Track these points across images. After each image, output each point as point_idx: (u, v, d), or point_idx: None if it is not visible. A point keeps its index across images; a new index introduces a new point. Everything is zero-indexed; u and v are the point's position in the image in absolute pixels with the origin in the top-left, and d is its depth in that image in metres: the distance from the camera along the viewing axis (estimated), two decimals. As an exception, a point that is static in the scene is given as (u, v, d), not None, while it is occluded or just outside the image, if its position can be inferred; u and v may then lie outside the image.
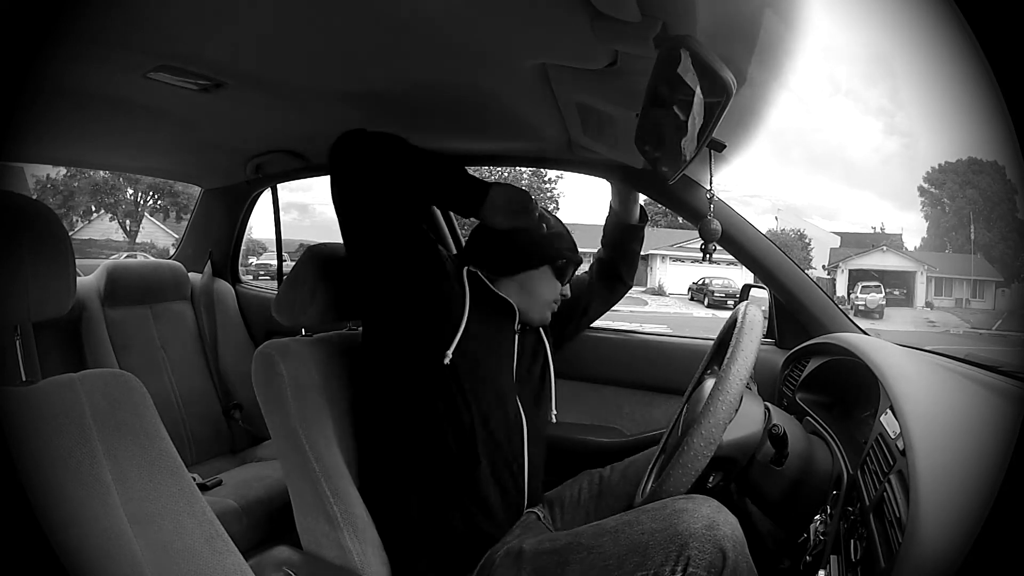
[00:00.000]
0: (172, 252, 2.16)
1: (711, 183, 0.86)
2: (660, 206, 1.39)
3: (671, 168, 0.82)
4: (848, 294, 14.84)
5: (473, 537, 0.94)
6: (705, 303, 14.67)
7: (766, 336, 1.37)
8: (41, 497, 0.56)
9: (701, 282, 15.38)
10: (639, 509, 0.80)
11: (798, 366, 1.16)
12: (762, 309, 0.92)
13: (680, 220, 1.34)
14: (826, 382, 1.06)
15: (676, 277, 16.43)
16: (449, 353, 0.93)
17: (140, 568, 0.60)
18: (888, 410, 0.70)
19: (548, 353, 1.13)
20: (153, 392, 0.71)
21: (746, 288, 1.38)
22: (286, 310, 1.05)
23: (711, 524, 0.72)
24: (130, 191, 17.25)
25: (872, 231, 19.13)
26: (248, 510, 1.35)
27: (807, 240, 17.94)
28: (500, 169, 11.62)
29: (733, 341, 0.80)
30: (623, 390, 1.49)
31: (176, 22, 0.79)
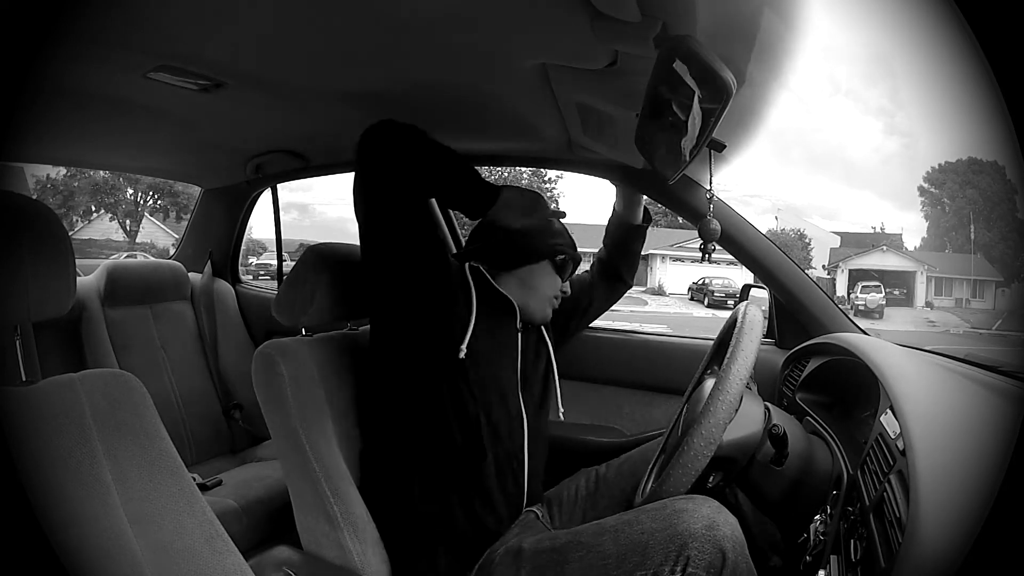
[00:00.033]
0: (172, 252, 2.16)
1: (711, 183, 0.86)
2: (660, 206, 1.39)
3: (671, 168, 0.82)
4: (848, 294, 14.83)
5: (474, 533, 0.94)
6: (705, 303, 14.67)
7: (766, 336, 1.37)
8: (41, 497, 0.56)
9: (701, 282, 15.38)
10: (639, 509, 0.80)
11: (798, 366, 1.16)
12: (762, 309, 0.92)
13: (680, 220, 1.34)
14: (826, 382, 1.06)
15: (676, 277, 16.43)
16: (463, 348, 0.94)
17: (140, 568, 0.60)
18: (888, 410, 0.70)
19: (551, 353, 1.14)
20: (153, 392, 0.71)
21: (746, 288, 1.38)
22: (286, 310, 1.05)
23: (711, 524, 0.73)
24: (130, 191, 17.26)
25: (872, 231, 19.14)
26: (248, 510, 1.35)
27: (807, 240, 17.92)
28: (500, 169, 11.63)
29: (733, 341, 0.80)
30: (623, 390, 1.49)
31: (176, 22, 0.79)
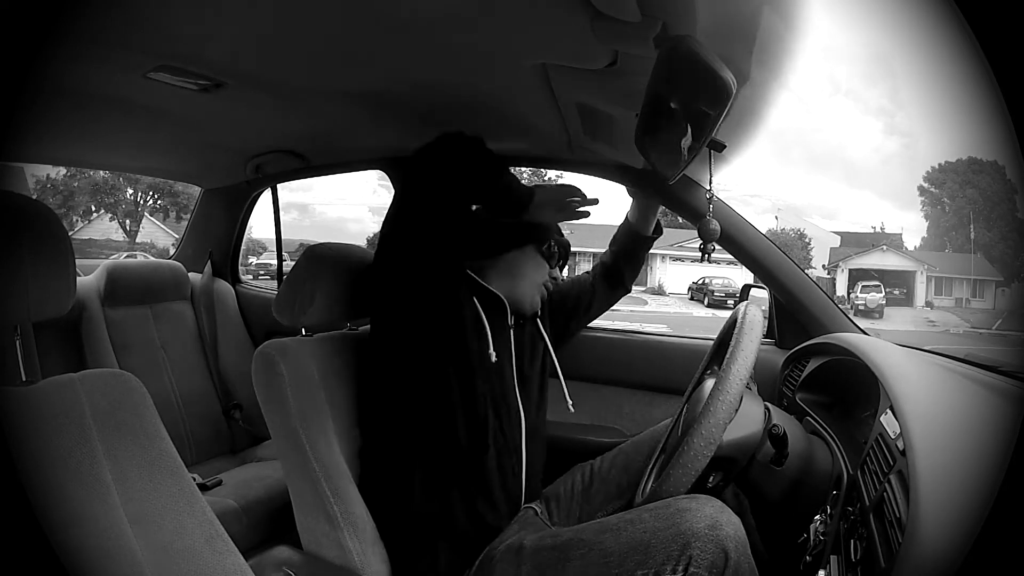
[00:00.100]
0: (172, 252, 2.16)
1: (711, 183, 0.86)
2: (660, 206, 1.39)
3: (671, 168, 0.82)
4: (848, 294, 14.83)
5: (474, 531, 0.94)
6: (705, 303, 14.68)
7: (766, 336, 1.37)
8: (41, 497, 0.56)
9: (701, 282, 15.39)
10: (641, 507, 0.80)
11: (798, 366, 1.16)
12: (762, 309, 0.92)
13: (680, 220, 1.34)
14: (826, 382, 1.06)
15: (676, 277, 16.43)
16: (492, 352, 0.98)
17: (140, 568, 0.60)
18: (888, 410, 0.70)
19: (550, 350, 1.13)
20: (153, 392, 0.71)
21: (746, 288, 1.38)
22: (286, 310, 1.05)
23: (714, 524, 0.72)
24: (130, 191, 17.26)
25: (872, 231, 19.13)
26: (248, 510, 1.35)
27: (807, 240, 17.91)
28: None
29: (733, 341, 0.80)
30: (623, 390, 1.49)
31: (176, 22, 0.79)
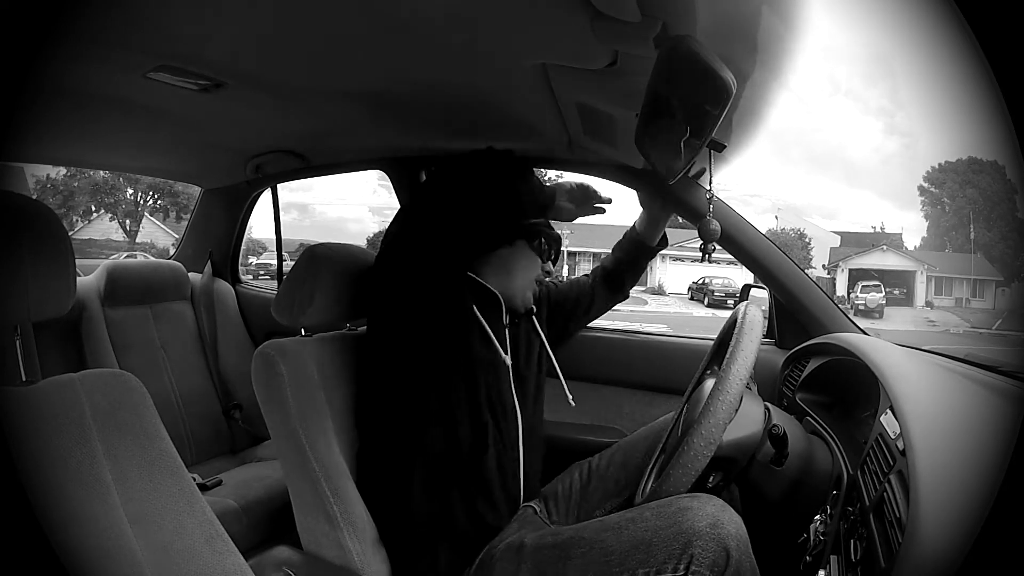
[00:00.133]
0: (172, 252, 2.16)
1: (711, 183, 0.86)
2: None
3: (671, 168, 0.82)
4: (848, 294, 14.84)
5: (474, 530, 0.94)
6: (705, 303, 14.67)
7: (766, 336, 1.37)
8: (41, 497, 0.56)
9: (701, 282, 15.39)
10: (643, 506, 0.80)
11: (798, 366, 1.16)
12: (762, 309, 0.92)
13: (680, 220, 1.34)
14: (826, 382, 1.06)
15: (676, 277, 16.43)
16: (507, 357, 1.01)
17: (140, 568, 0.60)
18: (888, 410, 0.70)
19: (546, 347, 1.13)
20: (153, 392, 0.71)
21: (746, 288, 1.38)
22: (285, 310, 1.05)
23: (715, 523, 0.72)
24: (130, 191, 17.27)
25: (872, 231, 19.16)
26: (248, 510, 1.35)
27: (807, 240, 17.92)
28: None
29: (733, 341, 0.80)
30: (623, 390, 1.49)
31: (176, 22, 0.79)
